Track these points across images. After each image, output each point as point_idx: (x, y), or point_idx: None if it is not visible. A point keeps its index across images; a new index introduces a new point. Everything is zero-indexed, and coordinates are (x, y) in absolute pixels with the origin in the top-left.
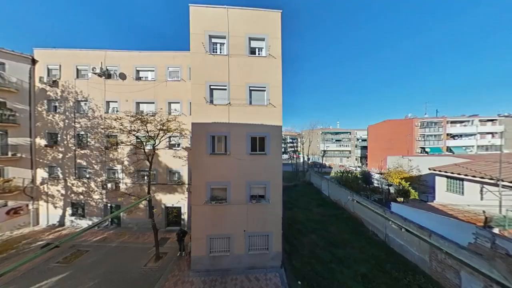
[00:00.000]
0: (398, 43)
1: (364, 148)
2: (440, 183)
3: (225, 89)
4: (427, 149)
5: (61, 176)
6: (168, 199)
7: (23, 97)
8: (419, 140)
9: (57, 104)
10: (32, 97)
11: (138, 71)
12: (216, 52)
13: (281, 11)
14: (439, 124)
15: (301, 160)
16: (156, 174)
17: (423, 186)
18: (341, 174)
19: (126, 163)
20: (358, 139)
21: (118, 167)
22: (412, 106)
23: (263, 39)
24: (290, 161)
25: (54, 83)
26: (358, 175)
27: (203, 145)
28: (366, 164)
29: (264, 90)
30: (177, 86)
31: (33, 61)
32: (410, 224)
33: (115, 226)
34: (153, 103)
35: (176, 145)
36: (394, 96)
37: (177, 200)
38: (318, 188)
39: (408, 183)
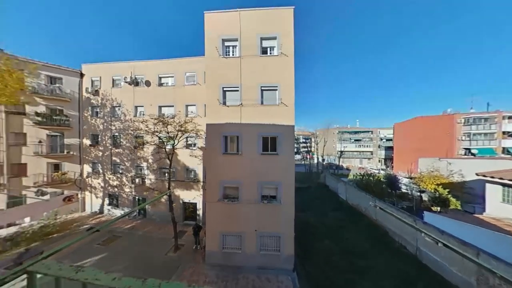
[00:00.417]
0: (431, 28)
1: (389, 148)
2: (493, 192)
3: (237, 90)
4: (473, 151)
5: (100, 171)
6: (185, 195)
7: (74, 105)
8: (462, 140)
9: (98, 110)
10: (81, 105)
11: (160, 78)
12: (228, 55)
13: (293, 7)
14: (491, 120)
15: (315, 161)
16: (175, 171)
17: (467, 194)
18: (361, 177)
19: (150, 161)
20: (381, 139)
21: (144, 164)
22: (447, 102)
23: (274, 38)
24: (303, 162)
25: (96, 92)
26: (382, 179)
27: (216, 145)
28: (392, 167)
29: (276, 90)
30: (193, 90)
31: (81, 75)
32: (449, 239)
33: (142, 217)
34: (173, 106)
35: (192, 145)
36: (425, 91)
37: (193, 196)
38: (334, 191)
39: (447, 190)
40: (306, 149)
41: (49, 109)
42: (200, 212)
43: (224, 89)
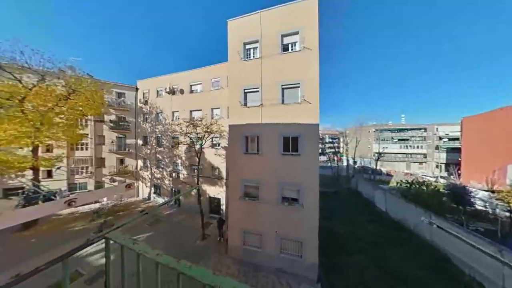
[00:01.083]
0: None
1: (453, 150)
2: None
3: (258, 91)
4: None
5: (148, 165)
6: (211, 191)
7: (132, 113)
8: None
9: (147, 116)
10: (136, 113)
11: (191, 86)
12: (249, 57)
13: None
14: None
15: (344, 164)
16: (202, 168)
17: None
18: (408, 185)
19: (183, 158)
20: (440, 138)
21: (179, 161)
22: None
23: (296, 33)
24: (329, 164)
25: (146, 102)
26: (442, 189)
27: (238, 144)
28: (458, 175)
29: (298, 87)
30: (218, 94)
31: (136, 89)
32: None
33: (177, 206)
34: (201, 110)
35: (217, 145)
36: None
37: (218, 192)
38: (370, 200)
39: None
40: (333, 150)
41: (118, 117)
42: (223, 207)
43: (245, 91)
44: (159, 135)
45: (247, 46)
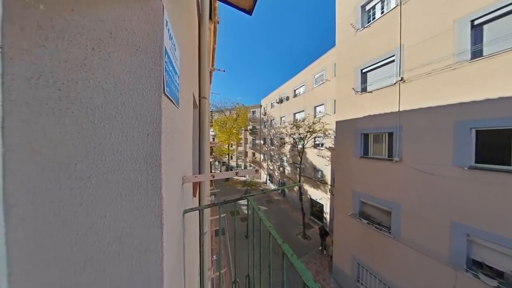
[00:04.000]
0: None
1: None
2: None
3: (392, 60)
4: None
5: (265, 159)
6: (312, 192)
7: (258, 122)
8: None
9: (265, 123)
10: (260, 122)
11: (294, 91)
12: (374, 17)
13: None
14: None
15: None
16: (304, 168)
17: None
18: None
19: (288, 156)
20: None
21: (284, 158)
22: None
23: None
24: None
25: (265, 114)
26: None
27: (349, 145)
28: None
29: None
30: (321, 89)
31: (260, 106)
32: None
33: (283, 196)
34: (303, 110)
35: (320, 145)
36: None
37: (320, 196)
38: None
39: None
40: None
41: (252, 127)
42: (327, 216)
43: (364, 70)
44: (272, 137)
45: (368, 6)
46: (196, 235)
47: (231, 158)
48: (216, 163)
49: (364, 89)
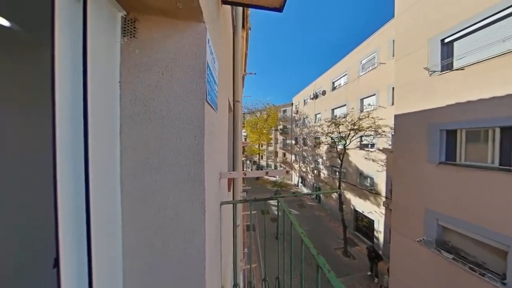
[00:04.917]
0: None
1: None
2: None
3: (509, 14)
4: None
5: (297, 160)
6: (358, 203)
7: (289, 121)
8: None
9: (297, 122)
10: (291, 121)
11: (333, 83)
12: None
13: None
14: None
15: None
16: (345, 172)
17: None
18: None
19: (324, 158)
20: None
21: (320, 160)
22: None
23: None
24: None
25: (297, 112)
26: None
27: (418, 146)
28: None
29: None
30: (372, 76)
31: (292, 104)
32: None
33: (317, 201)
34: (345, 105)
35: (369, 146)
36: None
37: (369, 209)
38: None
39: None
40: None
41: (283, 126)
42: (379, 235)
43: (447, 40)
44: (304, 137)
45: None
46: (230, 227)
47: (262, 158)
48: (248, 162)
49: (448, 67)
